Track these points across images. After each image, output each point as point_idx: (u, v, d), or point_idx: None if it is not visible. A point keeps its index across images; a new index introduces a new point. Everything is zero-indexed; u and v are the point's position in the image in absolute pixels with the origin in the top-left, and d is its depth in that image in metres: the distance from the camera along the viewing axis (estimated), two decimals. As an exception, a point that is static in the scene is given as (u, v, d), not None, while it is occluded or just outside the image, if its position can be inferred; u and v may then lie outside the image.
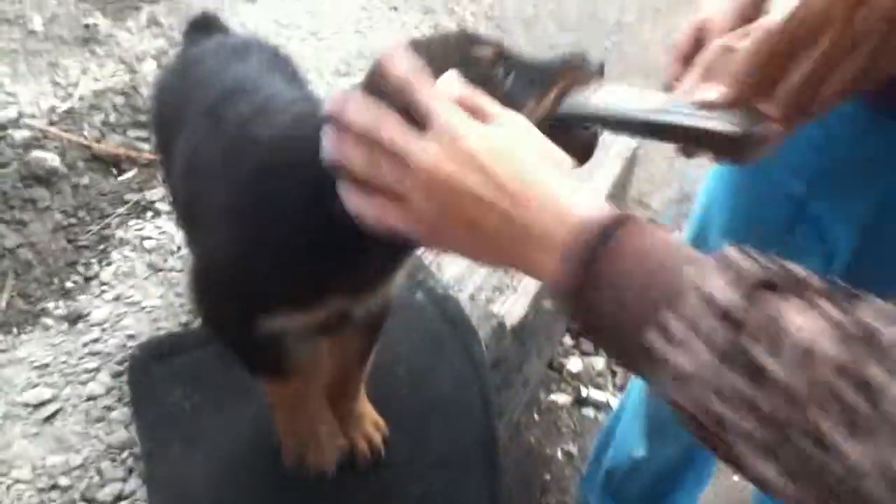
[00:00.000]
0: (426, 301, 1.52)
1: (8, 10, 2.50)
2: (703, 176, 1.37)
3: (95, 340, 1.54)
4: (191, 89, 1.15)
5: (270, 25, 2.70)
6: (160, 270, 1.71)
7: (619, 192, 2.21)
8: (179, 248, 1.76)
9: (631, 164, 2.23)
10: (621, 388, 2.30)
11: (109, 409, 1.43)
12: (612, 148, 2.19)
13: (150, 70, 2.38)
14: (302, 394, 1.14)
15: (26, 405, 1.42)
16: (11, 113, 2.06)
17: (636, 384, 1.67)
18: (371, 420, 1.29)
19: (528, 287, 1.67)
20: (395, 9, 2.94)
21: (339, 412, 1.25)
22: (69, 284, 1.66)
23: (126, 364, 1.47)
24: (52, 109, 2.12)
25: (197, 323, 1.57)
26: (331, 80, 2.38)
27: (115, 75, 2.34)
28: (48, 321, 1.58)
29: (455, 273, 1.68)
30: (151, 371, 1.42)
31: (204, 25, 1.39)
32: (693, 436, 0.55)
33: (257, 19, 2.73)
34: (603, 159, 2.10)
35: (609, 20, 3.70)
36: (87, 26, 2.53)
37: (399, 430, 1.31)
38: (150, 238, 1.78)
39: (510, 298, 1.65)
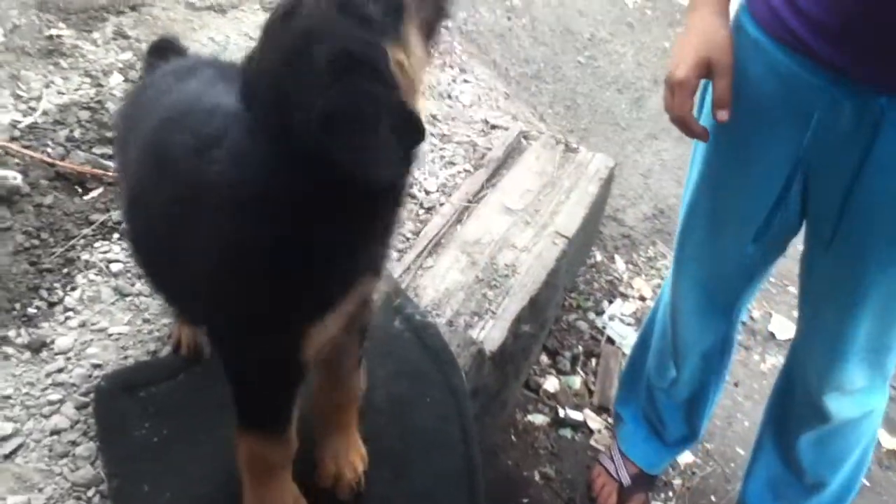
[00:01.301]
0: (404, 328, 1.49)
1: (-33, 20, 2.42)
2: (676, 193, 1.42)
3: (60, 370, 1.47)
4: (138, 119, 1.16)
5: (240, 38, 2.64)
6: (127, 295, 1.65)
7: (596, 210, 2.20)
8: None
9: (608, 183, 2.22)
10: (599, 408, 2.29)
11: (75, 443, 1.37)
12: (590, 166, 2.18)
13: (116, 83, 2.31)
14: (282, 462, 1.11)
15: (-14, 441, 1.36)
16: (-30, 128, 1.98)
17: (660, 317, 1.77)
18: (357, 451, 1.26)
19: (506, 312, 1.65)
20: (368, 22, 2.91)
21: (330, 442, 1.23)
22: (31, 310, 1.59)
23: (92, 395, 1.41)
24: (14, 125, 2.04)
25: (165, 351, 1.52)
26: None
27: (80, 89, 2.27)
28: (9, 350, 1.51)
29: (433, 298, 1.66)
30: (118, 403, 1.36)
31: (162, 49, 1.37)
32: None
33: (227, 31, 2.68)
34: (579, 180, 2.09)
35: (583, 35, 3.71)
36: (50, 38, 2.45)
37: (379, 461, 1.27)
38: (116, 261, 1.72)
39: (489, 323, 1.62)
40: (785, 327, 2.66)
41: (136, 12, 2.69)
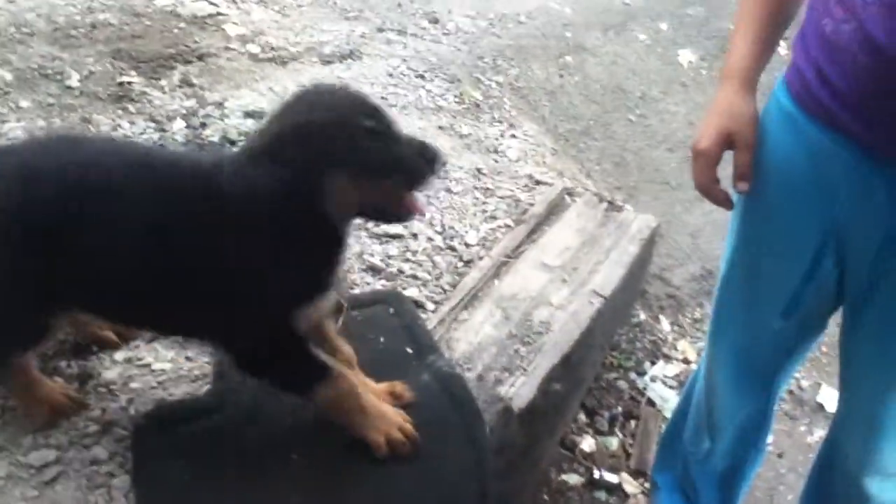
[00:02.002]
0: (431, 379, 1.51)
1: (48, 66, 2.59)
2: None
3: (102, 403, 1.53)
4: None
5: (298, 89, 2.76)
6: (172, 333, 1.71)
7: (637, 270, 2.20)
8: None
9: (650, 244, 2.22)
10: (636, 472, 2.24)
11: (111, 475, 1.42)
12: (632, 226, 2.19)
13: (178, 129, 2.43)
14: (354, 387, 1.32)
15: (30, 467, 1.41)
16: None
17: (697, 386, 1.74)
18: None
19: (538, 369, 1.65)
20: (422, 77, 3.00)
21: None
22: (82, 342, 1.67)
23: (129, 430, 1.46)
24: (82, 166, 2.16)
25: (203, 390, 1.57)
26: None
27: (144, 133, 2.40)
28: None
29: (465, 351, 1.68)
30: (154, 441, 1.41)
31: None
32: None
33: (286, 83, 2.80)
34: (620, 239, 2.10)
35: (634, 93, 3.74)
36: (121, 84, 2.61)
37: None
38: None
39: (519, 380, 1.63)
40: (834, 399, 2.57)
41: (203, 62, 2.85)
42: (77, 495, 1.38)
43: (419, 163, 1.18)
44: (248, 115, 2.55)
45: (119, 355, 1.64)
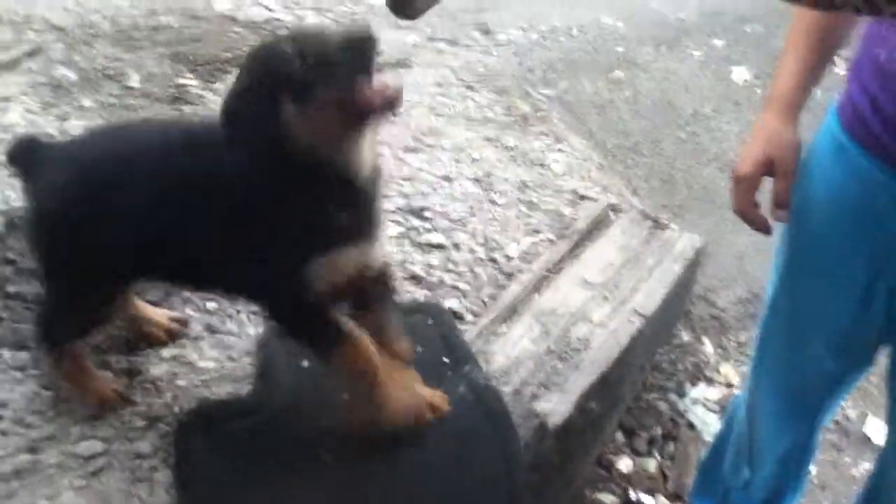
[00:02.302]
0: (467, 391, 1.52)
1: (110, 66, 2.68)
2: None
3: (148, 398, 1.58)
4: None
5: (350, 97, 2.80)
6: (217, 332, 1.76)
7: (681, 291, 2.17)
8: (238, 312, 1.82)
9: (694, 264, 2.19)
10: (674, 496, 2.21)
11: (154, 469, 1.46)
12: (677, 245, 2.16)
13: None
14: (368, 352, 1.34)
15: (78, 456, 1.47)
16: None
17: (739, 414, 1.72)
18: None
19: (574, 386, 1.65)
20: (471, 88, 3.02)
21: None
22: (132, 339, 1.72)
23: (173, 426, 1.51)
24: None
25: (246, 389, 1.61)
26: (399, 155, 2.45)
27: (199, 135, 2.46)
28: (108, 374, 1.64)
29: (502, 364, 1.68)
30: (197, 438, 1.45)
31: (26, 151, 1.44)
32: None
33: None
34: (664, 258, 2.08)
35: (686, 110, 3.70)
36: (179, 86, 2.68)
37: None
38: (212, 299, 1.84)
39: (556, 396, 1.63)
40: (882, 431, 2.50)
41: (258, 67, 2.90)
42: (121, 487, 1.42)
43: (346, 54, 1.14)
44: (300, 120, 2.60)
45: (166, 352, 1.69)
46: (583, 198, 2.42)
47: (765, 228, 1.27)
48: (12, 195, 2.01)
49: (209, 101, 2.64)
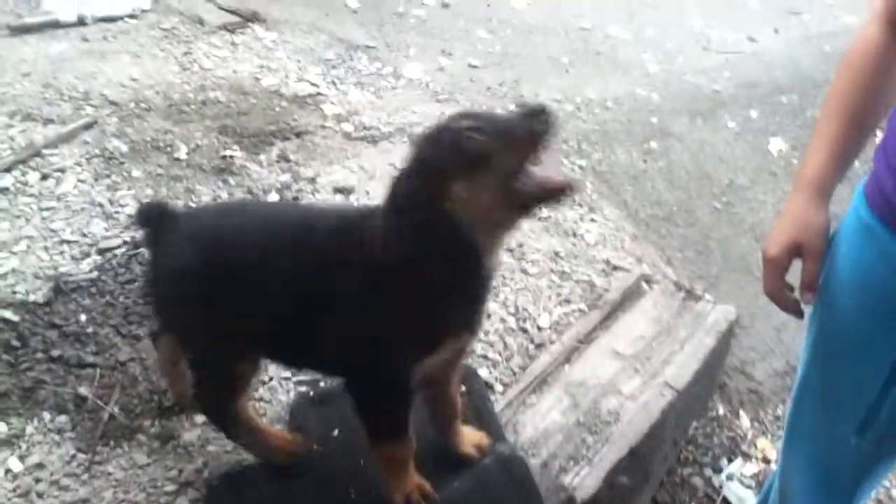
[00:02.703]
0: (492, 461, 1.51)
1: (160, 139, 2.81)
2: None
3: (180, 463, 1.61)
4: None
5: (386, 168, 2.89)
6: (249, 399, 1.78)
7: (714, 363, 2.15)
8: (271, 379, 1.85)
9: (727, 336, 2.17)
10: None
11: (183, 534, 1.49)
12: (709, 317, 2.15)
13: (272, 200, 2.58)
14: (410, 455, 1.45)
15: (111, 520, 1.50)
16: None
17: (773, 491, 1.67)
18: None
19: (603, 460, 1.63)
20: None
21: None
22: (167, 403, 1.77)
23: (203, 491, 1.53)
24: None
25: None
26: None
27: (241, 205, 2.55)
28: (142, 437, 1.68)
29: (531, 436, 1.68)
30: (225, 502, 1.46)
31: (156, 215, 1.47)
32: None
33: (375, 161, 2.93)
34: (696, 330, 2.06)
35: (721, 181, 3.70)
36: (224, 157, 2.79)
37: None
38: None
39: (584, 470, 1.61)
40: (929, 513, 2.40)
41: (300, 139, 3.02)
42: (150, 550, 1.44)
43: (523, 124, 1.11)
44: (338, 190, 2.68)
45: (199, 417, 1.72)
46: (616, 268, 2.43)
47: (796, 311, 1.27)
48: (60, 260, 2.11)
49: (252, 171, 2.74)
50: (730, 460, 2.49)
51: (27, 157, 2.55)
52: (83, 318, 1.94)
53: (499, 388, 1.86)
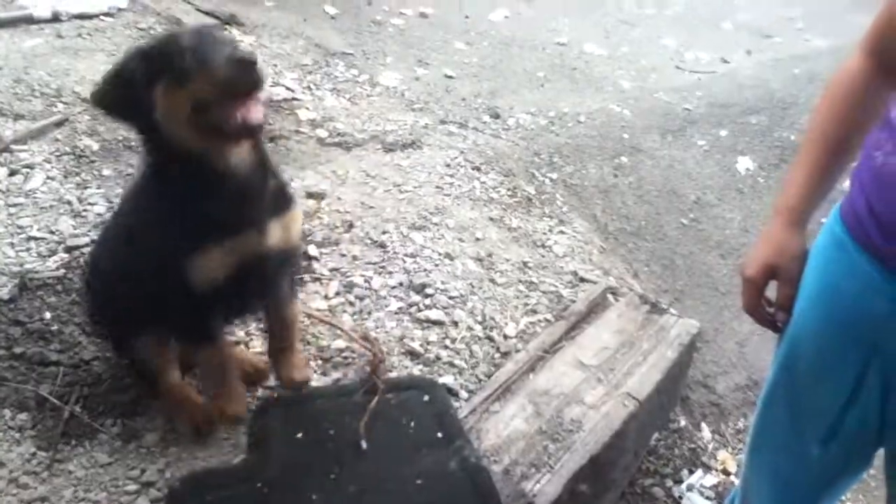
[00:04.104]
0: (458, 468, 1.53)
1: (130, 137, 2.79)
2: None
3: (142, 464, 1.60)
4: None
5: (358, 174, 2.90)
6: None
7: (676, 375, 2.19)
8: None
9: (689, 349, 2.21)
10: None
11: (144, 534, 1.48)
12: (672, 331, 2.19)
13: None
14: (227, 360, 1.66)
15: (68, 521, 1.48)
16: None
17: (736, 499, 1.70)
18: (303, 360, 1.85)
19: (564, 468, 1.65)
20: (478, 169, 3.11)
21: (283, 358, 1.80)
22: (129, 402, 1.75)
23: (165, 492, 1.52)
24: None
25: (238, 459, 1.62)
26: (405, 232, 2.51)
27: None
28: (104, 437, 1.67)
29: (493, 443, 1.69)
30: (186, 504, 1.46)
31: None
32: None
33: (348, 167, 2.95)
34: (659, 343, 2.10)
35: (689, 197, 3.77)
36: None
37: None
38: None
39: (545, 477, 1.63)
40: (882, 528, 2.45)
41: (274, 143, 3.03)
42: (109, 551, 1.43)
43: (232, 69, 1.26)
44: (310, 195, 2.69)
45: (160, 419, 1.72)
46: (583, 280, 2.47)
47: (772, 326, 1.34)
48: (27, 257, 2.09)
49: (224, 173, 2.74)
50: (690, 472, 2.53)
51: (-4, 153, 2.52)
52: (48, 315, 1.92)
53: (464, 394, 1.88)
